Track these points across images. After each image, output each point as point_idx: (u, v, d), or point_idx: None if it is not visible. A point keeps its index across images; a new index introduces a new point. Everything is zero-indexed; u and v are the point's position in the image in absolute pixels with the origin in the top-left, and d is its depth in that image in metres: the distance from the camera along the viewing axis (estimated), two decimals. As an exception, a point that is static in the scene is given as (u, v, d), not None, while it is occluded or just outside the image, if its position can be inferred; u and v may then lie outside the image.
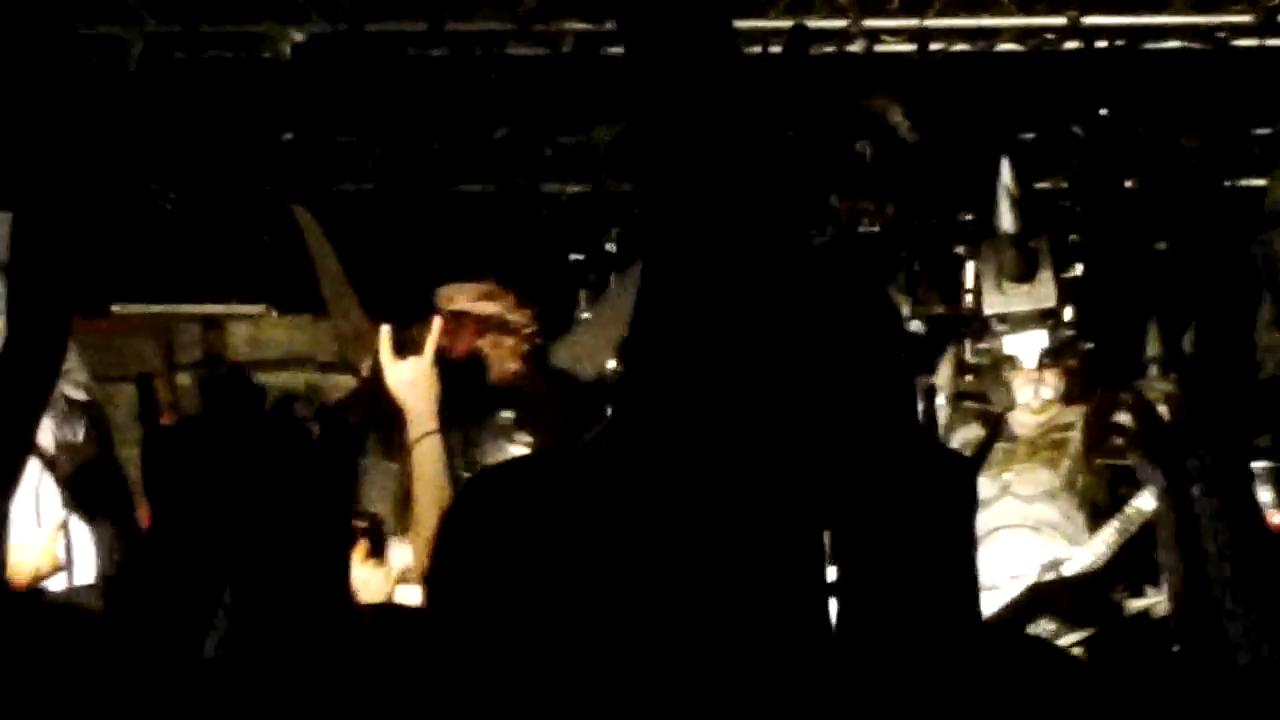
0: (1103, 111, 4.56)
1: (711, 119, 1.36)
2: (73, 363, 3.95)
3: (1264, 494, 4.29)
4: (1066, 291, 4.04)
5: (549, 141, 5.50)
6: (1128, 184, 4.82)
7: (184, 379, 5.66)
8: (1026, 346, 4.02)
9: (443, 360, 3.53)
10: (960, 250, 4.65)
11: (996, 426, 3.79)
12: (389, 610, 2.71)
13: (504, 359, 4.21)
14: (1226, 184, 4.64)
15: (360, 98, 5.40)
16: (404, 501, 3.82)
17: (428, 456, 3.44)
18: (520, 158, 5.58)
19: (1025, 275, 3.95)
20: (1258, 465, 4.07)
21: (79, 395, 4.12)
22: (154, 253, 5.99)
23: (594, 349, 4.48)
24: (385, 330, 3.55)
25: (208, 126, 5.68)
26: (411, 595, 3.49)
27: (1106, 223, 4.76)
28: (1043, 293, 3.97)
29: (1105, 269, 4.72)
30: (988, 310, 3.98)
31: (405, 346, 3.59)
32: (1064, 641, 3.41)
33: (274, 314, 6.10)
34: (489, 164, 5.70)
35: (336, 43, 4.89)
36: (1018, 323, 3.93)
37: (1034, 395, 3.90)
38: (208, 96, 5.43)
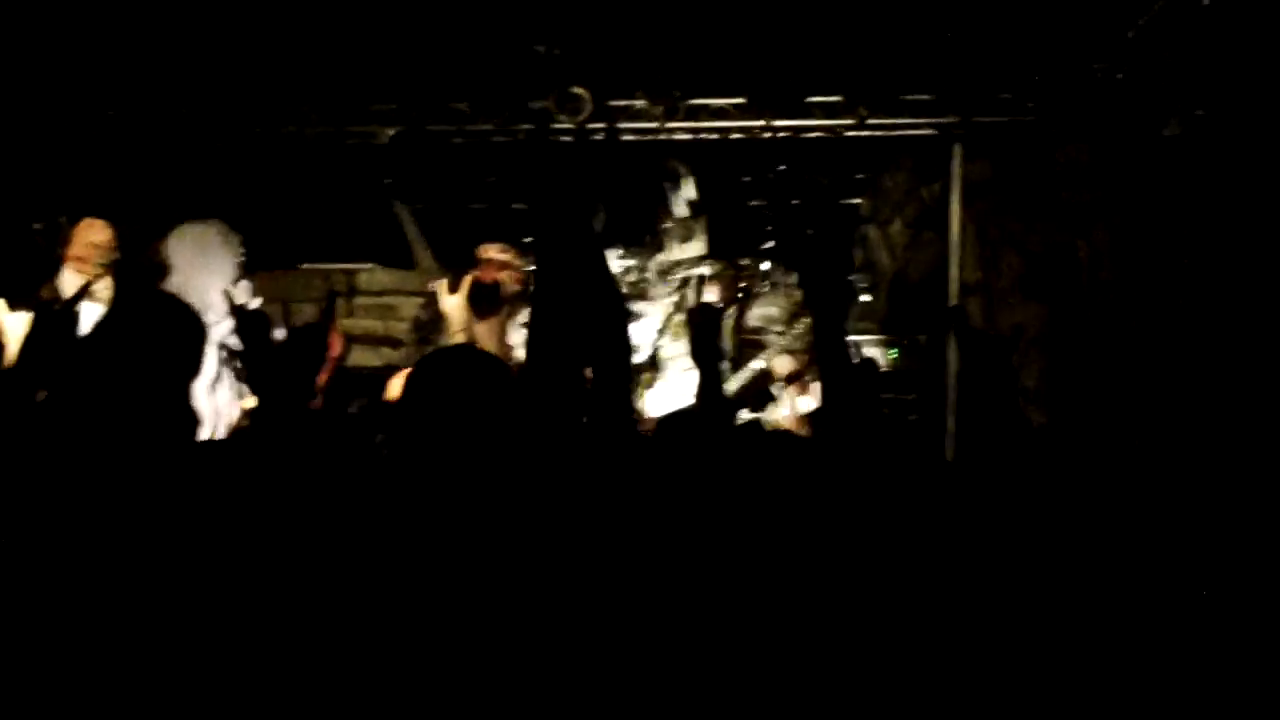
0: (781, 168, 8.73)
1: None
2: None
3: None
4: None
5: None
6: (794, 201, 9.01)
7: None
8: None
9: (480, 288, 6.09)
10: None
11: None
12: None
13: (511, 285, 6.51)
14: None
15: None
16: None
17: None
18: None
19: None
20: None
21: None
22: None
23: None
24: (442, 280, 6.07)
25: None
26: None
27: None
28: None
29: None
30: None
31: (453, 286, 6.08)
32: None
33: (379, 268, 9.45)
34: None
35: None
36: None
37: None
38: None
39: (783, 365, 6.83)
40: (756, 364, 6.93)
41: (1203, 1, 6.92)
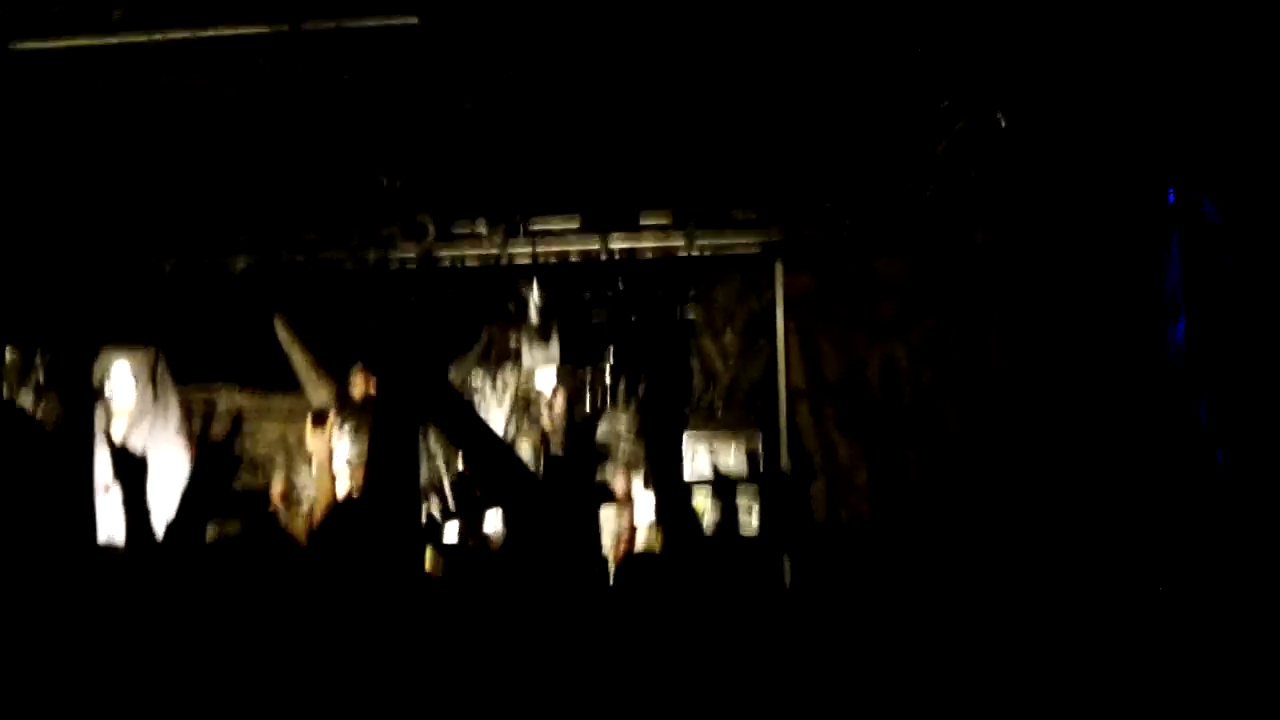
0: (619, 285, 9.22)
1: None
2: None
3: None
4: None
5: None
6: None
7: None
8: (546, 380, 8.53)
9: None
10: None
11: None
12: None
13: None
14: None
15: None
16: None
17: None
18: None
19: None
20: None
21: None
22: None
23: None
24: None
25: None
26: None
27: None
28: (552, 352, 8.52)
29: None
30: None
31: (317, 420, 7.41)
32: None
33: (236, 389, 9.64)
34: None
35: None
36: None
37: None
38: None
39: (620, 482, 7.22)
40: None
41: (1000, 123, 7.48)
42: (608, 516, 7.04)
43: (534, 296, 8.58)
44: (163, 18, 5.97)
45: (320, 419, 6.57)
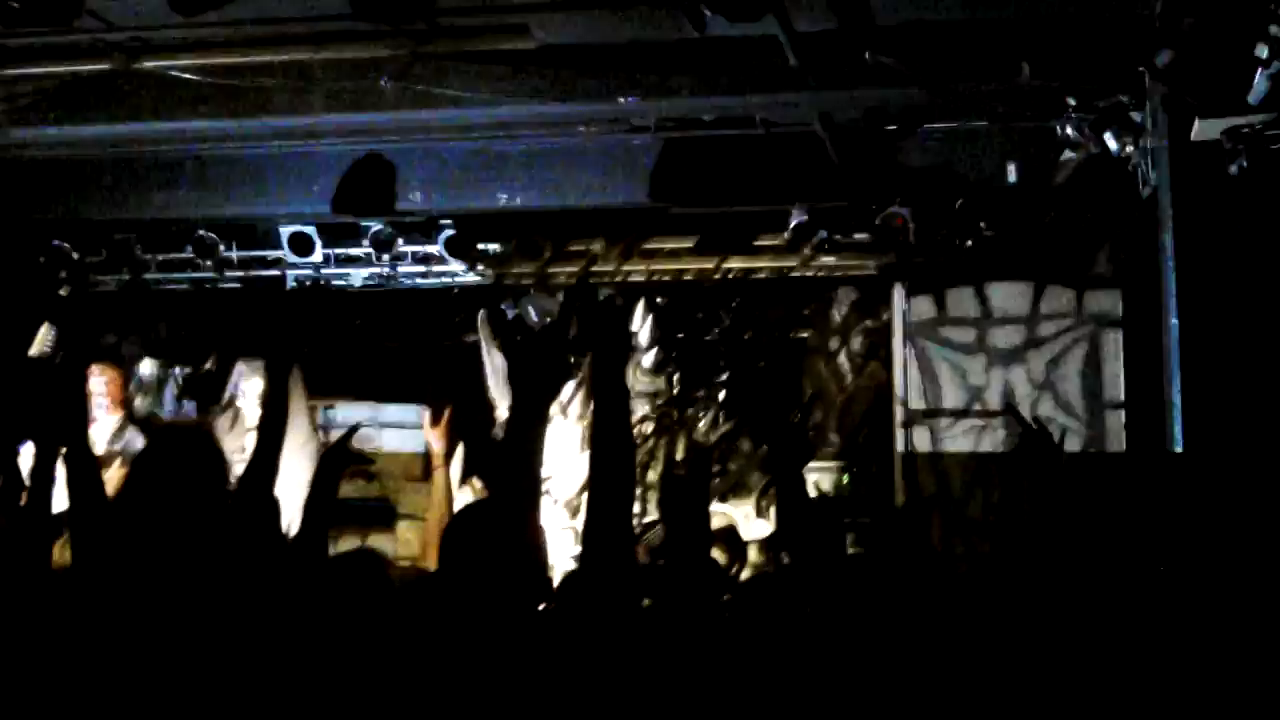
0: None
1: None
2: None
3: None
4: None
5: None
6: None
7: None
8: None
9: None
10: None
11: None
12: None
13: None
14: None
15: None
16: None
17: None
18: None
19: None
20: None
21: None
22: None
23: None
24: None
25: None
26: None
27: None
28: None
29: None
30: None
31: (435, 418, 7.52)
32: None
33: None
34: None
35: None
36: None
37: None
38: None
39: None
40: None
41: (1122, 155, 7.31)
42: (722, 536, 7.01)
43: (645, 318, 8.55)
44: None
45: (438, 416, 6.61)
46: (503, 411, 8.15)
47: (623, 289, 8.59)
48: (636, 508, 6.29)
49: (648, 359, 8.48)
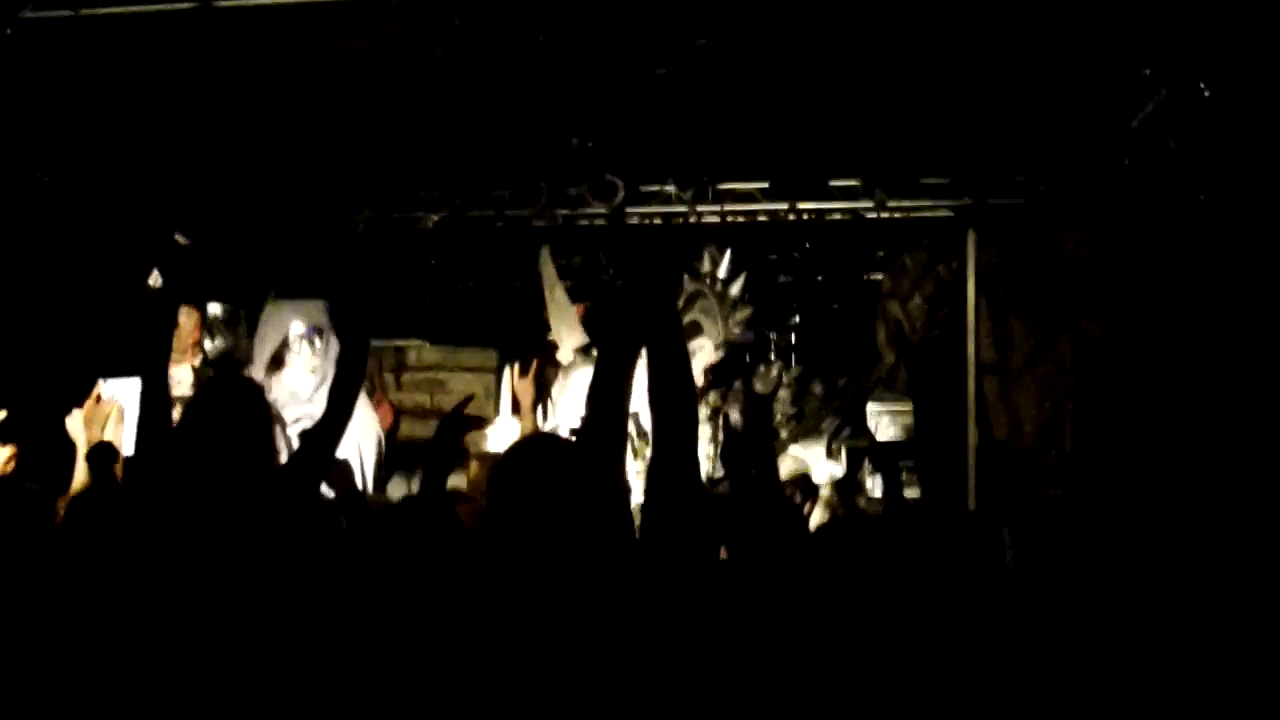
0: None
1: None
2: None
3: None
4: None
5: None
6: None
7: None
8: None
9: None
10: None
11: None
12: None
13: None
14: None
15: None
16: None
17: None
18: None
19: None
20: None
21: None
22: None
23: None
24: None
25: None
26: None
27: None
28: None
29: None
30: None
31: (524, 369, 7.21)
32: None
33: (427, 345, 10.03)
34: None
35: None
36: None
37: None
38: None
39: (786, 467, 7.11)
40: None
41: (1204, 93, 7.22)
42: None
43: (723, 259, 8.44)
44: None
45: (526, 368, 6.82)
46: (565, 352, 8.06)
47: (696, 231, 8.53)
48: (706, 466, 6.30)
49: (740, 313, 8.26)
